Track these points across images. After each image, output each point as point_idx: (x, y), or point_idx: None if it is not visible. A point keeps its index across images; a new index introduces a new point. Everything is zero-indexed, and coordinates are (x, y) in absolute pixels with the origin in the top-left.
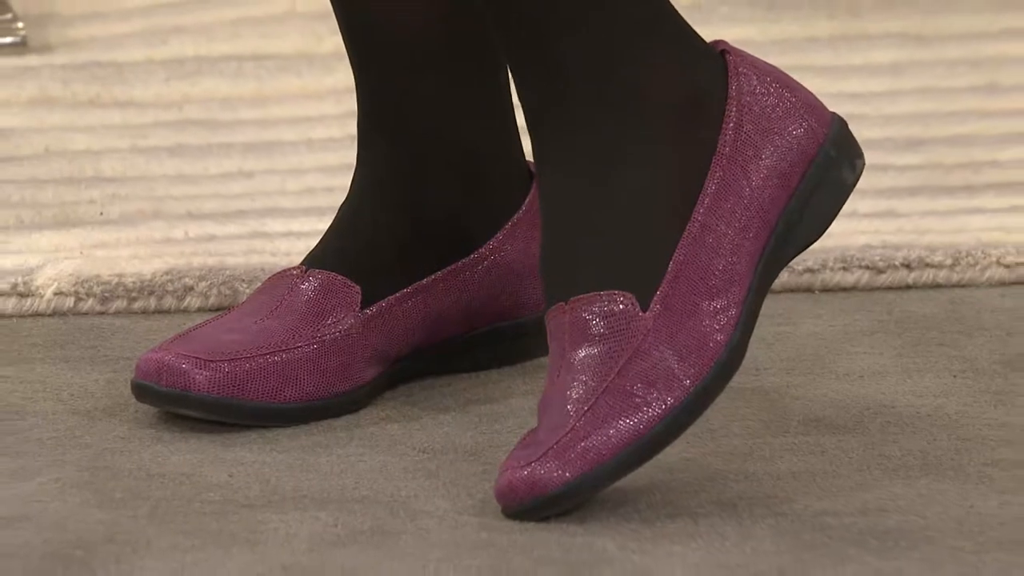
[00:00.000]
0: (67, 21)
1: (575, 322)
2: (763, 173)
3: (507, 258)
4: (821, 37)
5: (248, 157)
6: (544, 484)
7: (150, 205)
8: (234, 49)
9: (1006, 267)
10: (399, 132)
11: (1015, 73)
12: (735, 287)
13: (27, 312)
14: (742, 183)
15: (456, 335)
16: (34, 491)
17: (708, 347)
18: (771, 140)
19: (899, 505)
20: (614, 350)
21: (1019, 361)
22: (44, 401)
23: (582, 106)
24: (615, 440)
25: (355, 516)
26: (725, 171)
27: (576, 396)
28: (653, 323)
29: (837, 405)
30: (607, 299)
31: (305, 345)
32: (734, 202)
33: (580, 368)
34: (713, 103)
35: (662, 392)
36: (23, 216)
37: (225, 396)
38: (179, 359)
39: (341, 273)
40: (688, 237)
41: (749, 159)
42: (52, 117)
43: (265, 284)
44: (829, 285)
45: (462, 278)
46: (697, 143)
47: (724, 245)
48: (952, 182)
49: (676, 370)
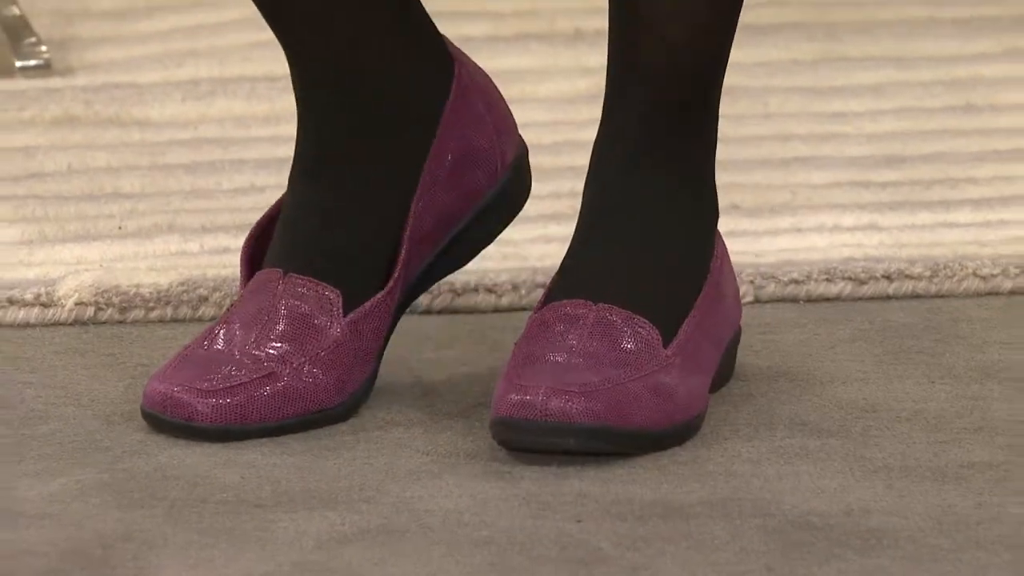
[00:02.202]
0: (88, 45)
1: (601, 322)
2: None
3: (445, 168)
4: (804, 60)
5: (259, 173)
6: (582, 415)
7: (166, 219)
8: (246, 71)
9: (981, 279)
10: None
11: (989, 94)
12: (718, 350)
13: (50, 321)
14: (726, 273)
15: (427, 259)
16: (56, 492)
17: (701, 402)
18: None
19: (881, 506)
20: (639, 363)
21: (994, 368)
22: (65, 406)
23: (668, 134)
24: (640, 416)
25: (361, 515)
26: (721, 248)
27: (604, 376)
28: (673, 361)
29: (821, 410)
30: (638, 323)
31: (297, 367)
32: (726, 288)
33: (606, 361)
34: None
35: (669, 409)
36: (46, 230)
37: (228, 424)
38: (182, 391)
39: (317, 277)
40: (706, 297)
41: (724, 259)
42: (74, 136)
43: (250, 290)
44: (813, 296)
45: (418, 224)
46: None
47: (711, 328)
48: (930, 197)
49: (683, 401)
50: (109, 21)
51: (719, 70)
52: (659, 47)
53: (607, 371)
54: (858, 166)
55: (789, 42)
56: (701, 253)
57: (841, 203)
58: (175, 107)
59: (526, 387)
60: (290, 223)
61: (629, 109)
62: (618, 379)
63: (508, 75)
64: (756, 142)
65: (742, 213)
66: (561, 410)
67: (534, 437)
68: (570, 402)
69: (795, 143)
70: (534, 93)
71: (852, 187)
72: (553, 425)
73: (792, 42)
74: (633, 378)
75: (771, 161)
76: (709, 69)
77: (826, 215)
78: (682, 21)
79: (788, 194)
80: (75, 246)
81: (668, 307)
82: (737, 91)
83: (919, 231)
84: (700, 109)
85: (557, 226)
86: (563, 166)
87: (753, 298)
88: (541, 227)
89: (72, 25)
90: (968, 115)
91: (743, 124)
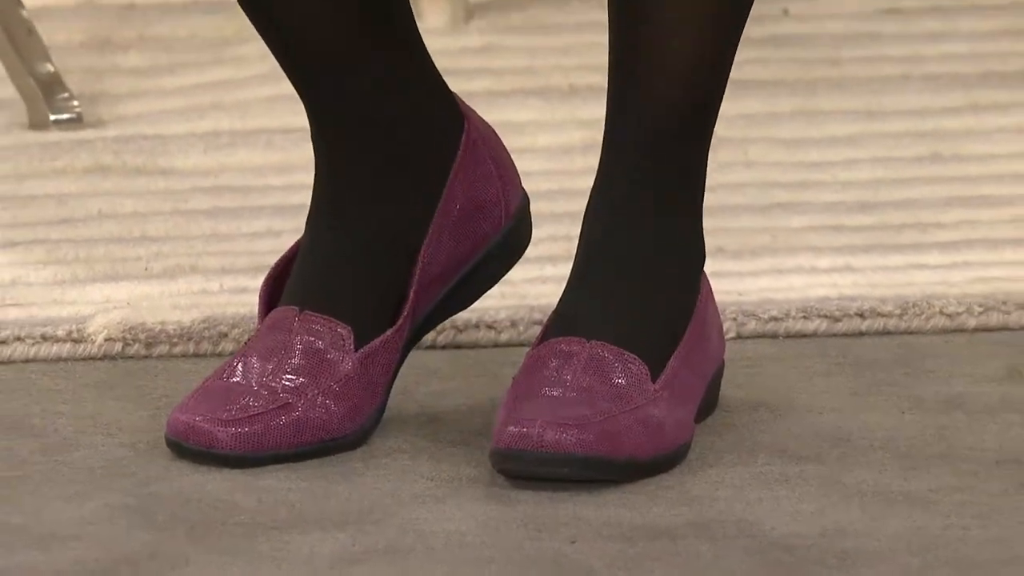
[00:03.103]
0: (117, 99)
1: (594, 358)
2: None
3: (454, 217)
4: (784, 113)
5: (276, 219)
6: (577, 445)
7: (189, 261)
8: (264, 124)
9: (948, 316)
10: (328, 133)
11: (955, 145)
12: (703, 383)
13: (80, 356)
14: (711, 311)
15: (435, 301)
16: (86, 514)
17: (685, 433)
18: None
19: (855, 527)
20: (629, 397)
21: (959, 400)
22: (95, 435)
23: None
24: (631, 446)
25: (370, 536)
26: (706, 288)
27: (597, 409)
28: (661, 395)
29: (799, 438)
30: (628, 359)
31: (311, 398)
32: (711, 325)
33: (598, 394)
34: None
35: (657, 440)
36: (78, 272)
37: (246, 451)
38: (203, 421)
39: (330, 315)
40: (692, 334)
41: (709, 298)
42: (104, 184)
43: (265, 328)
44: (791, 332)
45: (427, 270)
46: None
47: (708, 348)
48: (900, 241)
49: (670, 432)
50: (136, 77)
51: (709, 123)
52: (649, 103)
53: (600, 404)
54: (833, 211)
55: (770, 96)
56: (688, 294)
57: (818, 246)
58: (198, 157)
59: (524, 420)
60: (306, 264)
61: (622, 160)
62: (609, 412)
63: (508, 127)
64: (739, 189)
65: (726, 255)
66: (556, 441)
67: (531, 467)
68: (565, 434)
69: (775, 190)
70: (532, 144)
71: (828, 231)
72: (549, 455)
73: (773, 96)
74: (624, 411)
75: (753, 207)
76: (699, 122)
77: (804, 257)
78: (673, 75)
79: (768, 237)
80: (104, 286)
81: (657, 344)
82: (721, 141)
83: (890, 272)
84: (689, 161)
85: (553, 267)
86: (559, 211)
87: (736, 334)
88: (538, 268)
89: (102, 81)
90: (935, 164)
91: (727, 172)
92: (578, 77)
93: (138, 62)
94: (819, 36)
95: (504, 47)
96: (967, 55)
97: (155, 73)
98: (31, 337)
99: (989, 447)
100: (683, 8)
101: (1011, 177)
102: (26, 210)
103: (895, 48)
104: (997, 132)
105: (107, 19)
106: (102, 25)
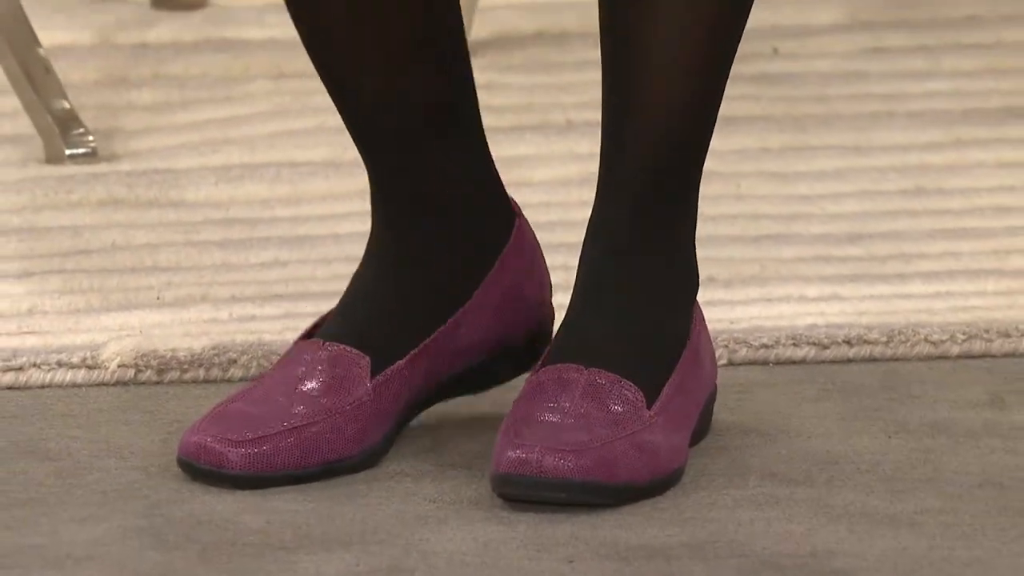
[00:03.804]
0: (131, 135)
1: (591, 383)
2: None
3: (495, 298)
4: (773, 148)
5: (283, 249)
6: (575, 471)
7: (199, 290)
8: (272, 158)
9: (932, 344)
10: (383, 196)
11: (937, 179)
12: (691, 421)
13: (94, 382)
14: (704, 339)
15: (456, 372)
16: (100, 535)
17: (680, 458)
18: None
19: (843, 548)
20: (625, 423)
21: (943, 424)
22: (108, 458)
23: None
24: (627, 471)
25: (374, 556)
26: (699, 315)
27: (595, 435)
28: (656, 421)
29: (789, 462)
30: (624, 386)
31: (323, 419)
32: (704, 352)
33: (595, 421)
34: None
35: (653, 464)
36: (92, 301)
37: (256, 471)
38: (215, 441)
39: (351, 345)
40: (686, 361)
41: (702, 326)
42: (118, 216)
43: (287, 356)
44: (781, 359)
45: (457, 332)
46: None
47: (692, 389)
48: (886, 271)
49: (665, 456)
50: (149, 113)
51: (700, 156)
52: (642, 140)
53: (597, 431)
54: (822, 243)
55: (760, 132)
56: (682, 322)
57: (806, 275)
58: (208, 190)
59: (523, 445)
60: (347, 306)
61: (618, 193)
62: (606, 438)
63: (506, 162)
64: (730, 221)
65: (717, 285)
66: (555, 467)
67: (530, 491)
68: (563, 460)
69: (765, 222)
70: (530, 178)
71: (816, 261)
72: (547, 481)
73: (763, 132)
74: (620, 436)
75: (744, 237)
76: (689, 157)
77: (793, 286)
78: (664, 114)
79: (759, 267)
80: (118, 315)
81: (652, 371)
82: (713, 175)
83: (876, 301)
84: (683, 192)
85: (552, 297)
86: (557, 242)
87: (727, 361)
88: None
89: (116, 117)
90: (919, 198)
91: (718, 204)
92: (576, 113)
93: (151, 99)
94: (807, 74)
95: (504, 84)
96: (950, 93)
97: (167, 110)
98: (47, 364)
99: (972, 471)
100: (672, 52)
101: (992, 210)
102: (42, 241)
103: (880, 86)
104: (978, 167)
105: (121, 58)
106: (116, 64)
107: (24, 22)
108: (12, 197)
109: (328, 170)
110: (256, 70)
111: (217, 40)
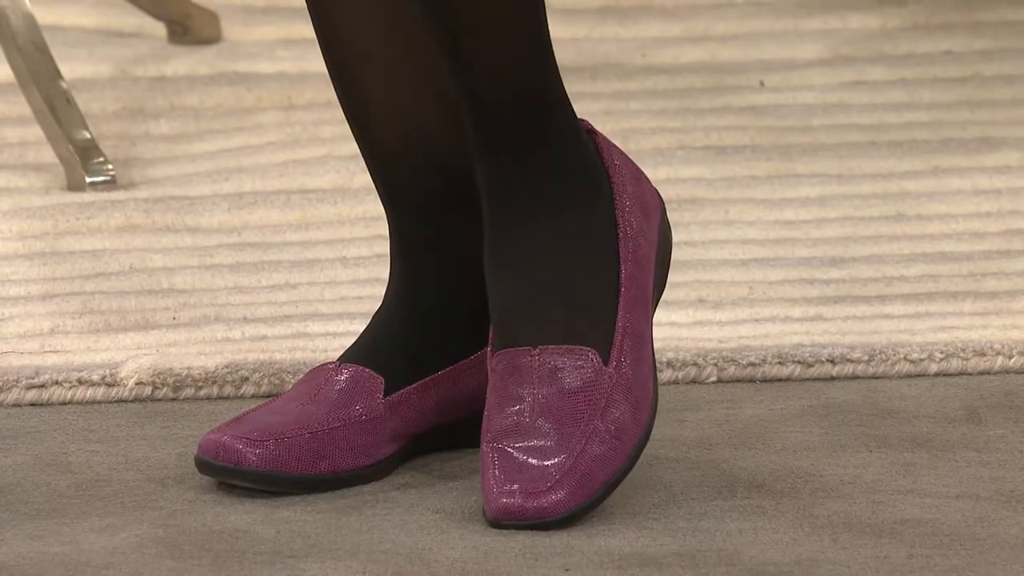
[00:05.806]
0: (148, 163)
1: (544, 366)
2: (648, 249)
3: None
4: (760, 176)
5: (293, 272)
6: (554, 508)
7: (213, 311)
8: (283, 185)
9: (912, 362)
10: (413, 258)
11: (917, 205)
12: (648, 344)
13: (113, 399)
14: (644, 255)
15: (464, 416)
16: (117, 545)
17: (648, 397)
18: (648, 218)
19: (827, 556)
20: (590, 400)
21: (922, 439)
22: (126, 471)
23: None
24: (603, 472)
25: (380, 564)
26: (631, 245)
27: (565, 435)
28: (615, 378)
29: (775, 474)
30: (578, 353)
31: (337, 427)
32: (642, 275)
33: (559, 412)
34: (600, 176)
35: (627, 435)
36: (111, 321)
37: (271, 470)
38: (233, 439)
39: (368, 367)
40: (625, 304)
41: (640, 235)
42: (135, 240)
43: (306, 375)
44: (768, 376)
45: (469, 373)
46: (602, 209)
47: (644, 312)
48: (868, 293)
49: (631, 420)
50: (166, 143)
51: (541, 78)
52: (481, 79)
53: (566, 439)
54: (806, 266)
55: (748, 161)
56: (607, 250)
57: (792, 297)
58: (222, 216)
59: (505, 492)
60: (365, 338)
61: (482, 154)
62: (576, 447)
63: None
64: (719, 245)
65: (707, 306)
66: (538, 508)
67: (527, 526)
68: (544, 500)
69: (752, 246)
70: None
71: (801, 284)
72: (535, 521)
73: (750, 161)
74: (590, 432)
75: (732, 261)
76: (531, 89)
77: (779, 308)
78: (496, 75)
79: (747, 289)
80: (135, 334)
81: (597, 321)
82: (703, 202)
83: (858, 321)
84: (536, 116)
85: None
86: None
87: (716, 378)
88: None
89: (135, 147)
90: (900, 223)
91: (708, 230)
92: None
93: (167, 129)
94: (793, 106)
95: None
96: (929, 123)
97: (183, 139)
98: (68, 381)
99: (950, 483)
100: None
101: (969, 235)
102: (64, 265)
103: (862, 117)
104: (956, 194)
105: (139, 90)
106: (134, 96)
107: (47, 56)
108: (35, 223)
109: (336, 196)
110: (267, 102)
111: (230, 73)
